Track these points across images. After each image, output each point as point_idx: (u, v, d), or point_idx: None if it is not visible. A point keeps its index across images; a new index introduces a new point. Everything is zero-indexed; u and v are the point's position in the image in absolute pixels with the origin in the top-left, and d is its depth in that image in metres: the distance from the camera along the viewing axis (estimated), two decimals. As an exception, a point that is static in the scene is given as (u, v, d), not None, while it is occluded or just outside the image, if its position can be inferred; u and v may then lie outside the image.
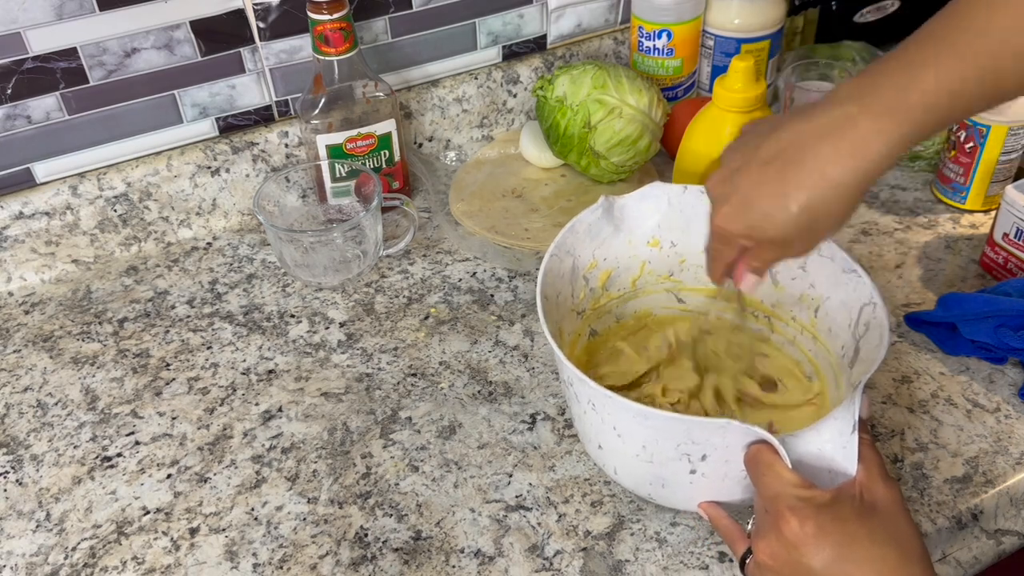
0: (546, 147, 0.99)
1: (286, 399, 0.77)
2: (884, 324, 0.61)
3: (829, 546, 0.50)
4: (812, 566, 0.50)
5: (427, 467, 0.71)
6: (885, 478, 0.53)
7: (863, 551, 0.49)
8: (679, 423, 0.56)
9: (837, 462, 0.54)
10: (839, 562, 0.49)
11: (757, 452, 0.54)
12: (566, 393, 0.65)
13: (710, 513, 0.61)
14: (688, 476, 0.59)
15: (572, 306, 0.71)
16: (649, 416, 0.56)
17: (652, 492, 0.64)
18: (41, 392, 0.79)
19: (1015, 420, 0.72)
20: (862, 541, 0.50)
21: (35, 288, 0.90)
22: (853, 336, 0.65)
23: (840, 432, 0.53)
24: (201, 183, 0.94)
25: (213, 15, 0.88)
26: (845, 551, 0.49)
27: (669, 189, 0.72)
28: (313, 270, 0.87)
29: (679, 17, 0.99)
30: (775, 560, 0.51)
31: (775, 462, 0.53)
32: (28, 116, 0.86)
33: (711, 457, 0.57)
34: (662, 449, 0.58)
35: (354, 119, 0.90)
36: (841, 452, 0.53)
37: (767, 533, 0.52)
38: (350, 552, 0.65)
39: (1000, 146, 0.88)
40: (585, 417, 0.62)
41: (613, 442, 0.61)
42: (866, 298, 0.64)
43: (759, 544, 0.52)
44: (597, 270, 0.73)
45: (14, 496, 0.71)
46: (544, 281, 0.65)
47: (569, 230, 0.69)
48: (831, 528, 0.50)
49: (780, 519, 0.51)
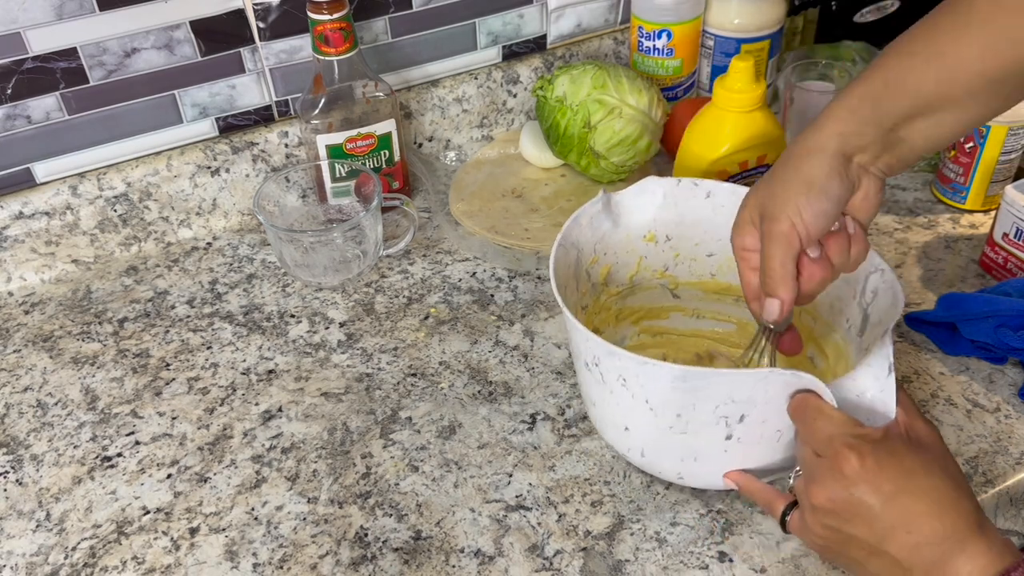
0: (546, 147, 0.99)
1: (286, 399, 0.77)
2: (895, 284, 0.62)
3: (889, 480, 0.51)
4: (872, 503, 0.50)
5: (427, 467, 0.71)
6: (923, 417, 0.55)
7: (920, 484, 0.51)
8: (721, 378, 0.56)
9: (877, 405, 0.55)
10: (898, 496, 0.50)
11: (804, 399, 0.55)
12: (585, 379, 0.65)
13: (740, 481, 0.61)
14: (723, 444, 0.59)
15: (577, 300, 0.71)
16: (689, 376, 0.56)
17: (683, 470, 0.63)
18: (41, 392, 0.79)
19: (1015, 420, 0.72)
20: (917, 473, 0.51)
21: (35, 288, 0.90)
22: (860, 306, 0.66)
23: (876, 376, 0.55)
24: (201, 183, 0.94)
25: (213, 15, 0.88)
26: (903, 483, 0.50)
27: (664, 183, 0.72)
28: (313, 270, 0.87)
29: (679, 17, 0.99)
30: (834, 502, 0.52)
31: (823, 406, 0.54)
32: (28, 116, 0.86)
33: (749, 417, 0.57)
34: (699, 415, 0.58)
35: (354, 119, 0.90)
36: (880, 395, 0.55)
37: (822, 477, 0.52)
38: (350, 552, 0.65)
39: (1000, 146, 0.88)
40: (611, 398, 0.62)
41: (644, 418, 0.60)
42: (872, 267, 0.64)
43: (814, 489, 0.53)
44: (598, 265, 0.73)
45: (14, 496, 0.71)
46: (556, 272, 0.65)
47: (573, 221, 0.69)
48: (889, 462, 0.51)
49: (839, 457, 0.51)
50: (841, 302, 0.68)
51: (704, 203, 0.72)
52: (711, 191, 0.72)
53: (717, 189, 0.72)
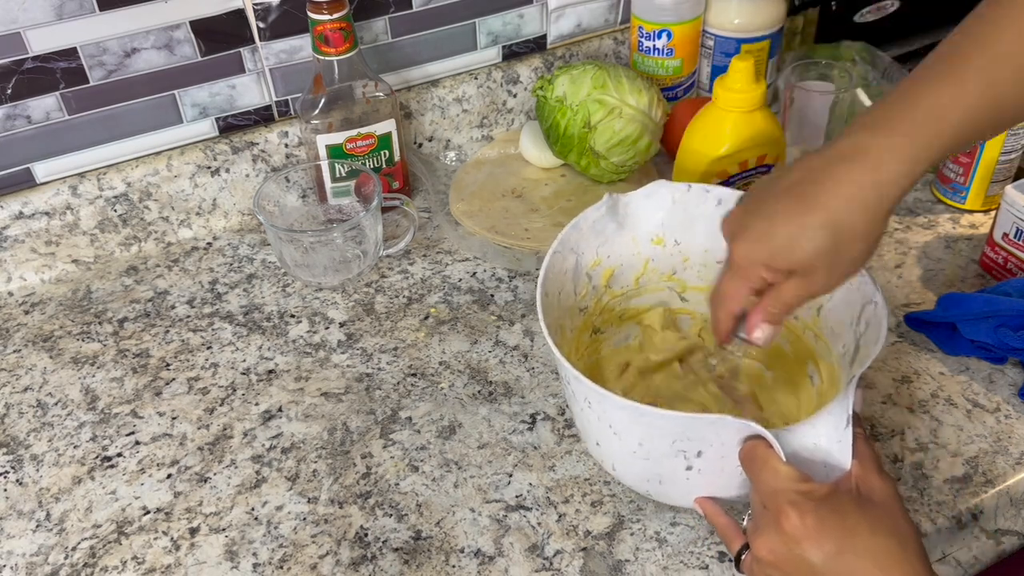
0: (546, 147, 0.99)
1: (286, 399, 0.77)
2: (883, 322, 0.61)
3: (830, 539, 0.50)
4: (813, 560, 0.50)
5: (427, 467, 0.71)
6: (880, 471, 0.54)
7: (863, 543, 0.50)
8: (673, 420, 0.56)
9: (832, 456, 0.54)
10: (840, 554, 0.49)
11: (752, 448, 0.54)
12: (565, 391, 0.66)
13: (706, 509, 0.60)
14: (684, 473, 0.59)
15: (574, 303, 0.71)
16: (644, 413, 0.56)
17: (650, 489, 0.64)
18: (41, 392, 0.79)
19: (1015, 420, 0.72)
20: (862, 533, 0.50)
21: (35, 288, 0.90)
22: (854, 335, 0.65)
23: (835, 426, 0.54)
24: (201, 183, 0.94)
25: (213, 15, 0.88)
26: (846, 543, 0.49)
27: (673, 187, 0.72)
28: (313, 270, 0.87)
29: (679, 17, 0.99)
30: (774, 555, 0.51)
31: (771, 457, 0.53)
32: (28, 116, 0.86)
33: (707, 453, 0.57)
34: (658, 446, 0.58)
35: (354, 119, 0.90)
36: (836, 446, 0.54)
37: (766, 529, 0.52)
38: (350, 552, 0.65)
39: (1000, 146, 0.88)
40: (583, 414, 0.63)
41: (610, 439, 0.61)
42: (868, 297, 0.64)
43: (758, 540, 0.52)
44: (600, 267, 0.73)
45: (14, 496, 0.71)
46: (545, 278, 0.65)
47: (573, 227, 0.69)
48: (831, 521, 0.50)
49: (780, 514, 0.51)
50: (841, 326, 0.67)
51: (715, 210, 0.71)
52: (722, 198, 0.71)
53: (728, 197, 0.71)
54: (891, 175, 0.51)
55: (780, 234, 0.54)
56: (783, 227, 0.54)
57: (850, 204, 0.52)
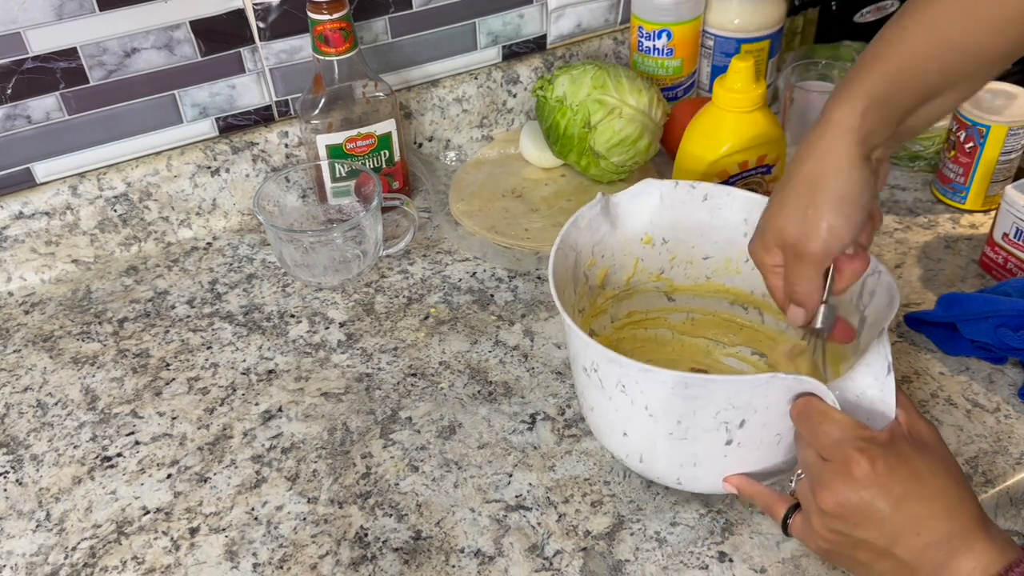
0: (546, 147, 0.99)
1: (286, 399, 0.77)
2: (892, 285, 0.62)
3: (899, 483, 0.50)
4: (881, 507, 0.50)
5: (427, 467, 0.71)
6: (922, 416, 0.55)
7: (927, 484, 0.51)
8: (722, 385, 0.56)
9: (877, 405, 0.55)
10: (907, 498, 0.50)
11: (807, 403, 0.55)
12: (583, 383, 0.64)
13: (739, 484, 0.61)
14: (723, 449, 0.59)
15: (574, 303, 0.71)
16: (690, 383, 0.56)
17: (682, 475, 0.63)
18: (41, 392, 0.79)
19: (1015, 420, 0.72)
20: (924, 475, 0.51)
21: (35, 288, 0.90)
22: (858, 308, 0.66)
23: (876, 376, 0.55)
24: (201, 183, 0.94)
25: (213, 15, 0.88)
26: (912, 486, 0.50)
27: (660, 185, 0.72)
28: (313, 270, 0.87)
29: (679, 17, 0.99)
30: (843, 507, 0.51)
31: (828, 409, 0.54)
32: (28, 116, 0.86)
33: (749, 422, 0.57)
34: (699, 421, 0.58)
35: (354, 119, 0.90)
36: (879, 395, 0.55)
37: (830, 480, 0.52)
38: (350, 552, 0.65)
39: (1000, 146, 0.88)
40: (610, 404, 0.62)
41: (643, 424, 0.60)
42: (869, 269, 0.64)
43: (822, 494, 0.52)
44: (596, 267, 0.73)
45: (14, 496, 0.71)
46: (555, 272, 0.65)
47: (572, 224, 0.69)
48: (897, 465, 0.51)
49: (849, 461, 0.51)
50: (840, 305, 0.68)
51: (701, 206, 0.72)
52: (708, 194, 0.72)
53: (714, 192, 0.71)
54: (845, 122, 0.55)
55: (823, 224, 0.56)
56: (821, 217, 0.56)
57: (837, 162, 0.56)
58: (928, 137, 0.97)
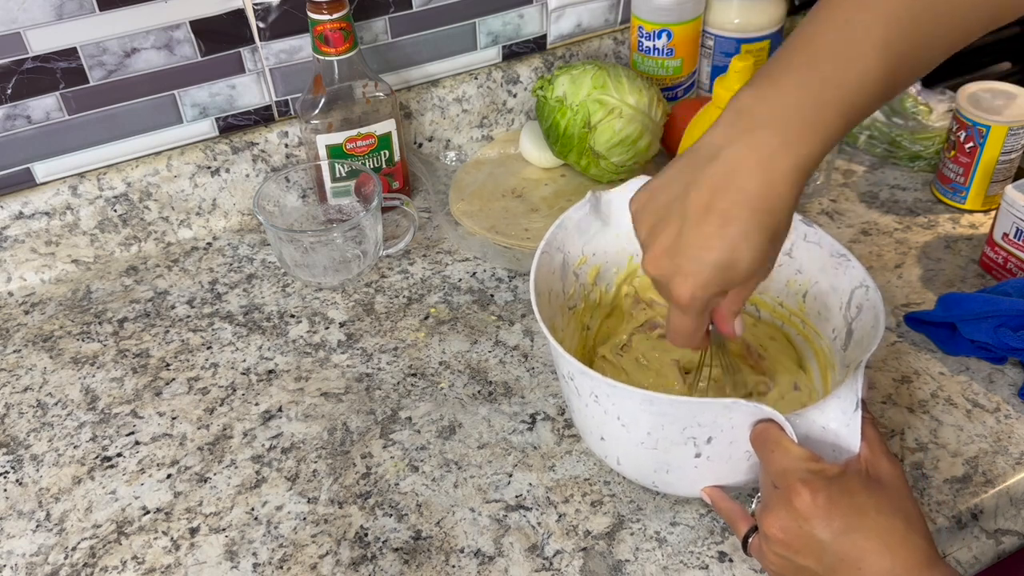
0: (546, 147, 0.99)
1: (286, 399, 0.77)
2: (878, 305, 0.61)
3: (839, 517, 0.51)
4: (822, 537, 0.51)
5: (427, 467, 0.71)
6: (888, 454, 0.55)
7: (871, 522, 0.51)
8: (685, 406, 0.56)
9: (841, 439, 0.55)
10: (848, 532, 0.51)
11: (764, 430, 0.55)
12: (565, 389, 0.66)
13: (712, 496, 0.61)
14: (693, 460, 0.59)
15: (564, 302, 0.71)
16: (655, 402, 0.57)
17: (656, 480, 0.64)
18: (41, 392, 0.79)
19: (1015, 420, 0.72)
20: (870, 512, 0.51)
21: (35, 288, 0.90)
22: (844, 319, 0.66)
23: (843, 410, 0.55)
24: (201, 183, 0.94)
25: (213, 15, 0.88)
26: (854, 521, 0.51)
27: None
28: (313, 270, 0.87)
29: (679, 17, 0.99)
30: (785, 533, 0.52)
31: (783, 438, 0.54)
32: (28, 116, 0.86)
33: (716, 439, 0.58)
34: (668, 434, 0.58)
35: (354, 119, 0.90)
36: (845, 429, 0.55)
37: (776, 507, 0.53)
38: (350, 552, 0.65)
39: (1000, 146, 0.88)
40: (587, 410, 0.62)
41: (617, 432, 0.61)
42: (857, 281, 0.64)
43: (768, 518, 0.53)
44: (587, 265, 0.73)
45: (14, 496, 0.71)
46: (536, 278, 0.66)
47: (558, 226, 0.70)
48: (841, 500, 0.51)
49: (791, 492, 0.52)
50: (828, 310, 0.68)
51: None
52: None
53: None
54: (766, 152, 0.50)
55: (715, 260, 0.51)
56: (717, 252, 0.50)
57: (754, 201, 0.50)
58: (928, 137, 0.97)
